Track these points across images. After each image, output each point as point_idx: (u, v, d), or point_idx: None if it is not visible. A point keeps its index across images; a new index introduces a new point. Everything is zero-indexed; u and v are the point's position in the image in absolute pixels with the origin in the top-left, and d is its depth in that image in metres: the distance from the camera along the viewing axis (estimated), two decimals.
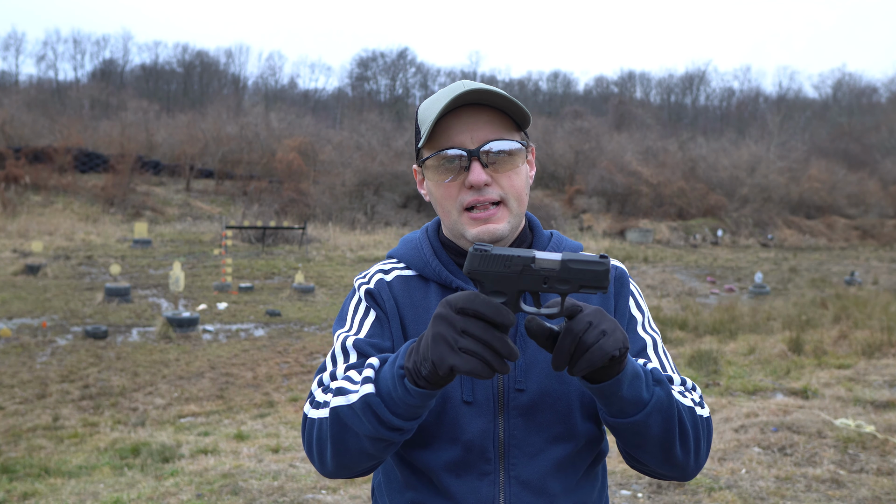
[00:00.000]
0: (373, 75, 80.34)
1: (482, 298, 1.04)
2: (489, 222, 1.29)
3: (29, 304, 14.23)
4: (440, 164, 1.30)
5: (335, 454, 1.20)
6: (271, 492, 4.59)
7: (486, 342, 1.02)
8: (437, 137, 1.30)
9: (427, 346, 1.06)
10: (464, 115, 1.29)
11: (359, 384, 1.16)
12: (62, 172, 35.76)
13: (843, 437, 5.29)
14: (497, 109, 1.30)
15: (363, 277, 1.42)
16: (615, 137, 49.28)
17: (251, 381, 9.22)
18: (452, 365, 1.03)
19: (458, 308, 1.04)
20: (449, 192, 1.31)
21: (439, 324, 1.05)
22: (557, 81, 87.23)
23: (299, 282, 17.01)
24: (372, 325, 1.34)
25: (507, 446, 1.29)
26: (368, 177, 37.87)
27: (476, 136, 1.28)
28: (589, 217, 38.65)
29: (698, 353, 8.79)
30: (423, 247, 1.40)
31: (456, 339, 1.03)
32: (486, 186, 1.28)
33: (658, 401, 1.19)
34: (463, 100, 1.27)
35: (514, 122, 1.32)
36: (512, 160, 1.30)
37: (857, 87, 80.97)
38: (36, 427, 7.24)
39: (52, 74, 74.39)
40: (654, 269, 24.11)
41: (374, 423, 1.13)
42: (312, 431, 1.22)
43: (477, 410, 1.28)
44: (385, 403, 1.12)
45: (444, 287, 1.36)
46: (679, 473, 1.28)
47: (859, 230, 41.57)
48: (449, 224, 1.35)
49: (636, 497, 4.38)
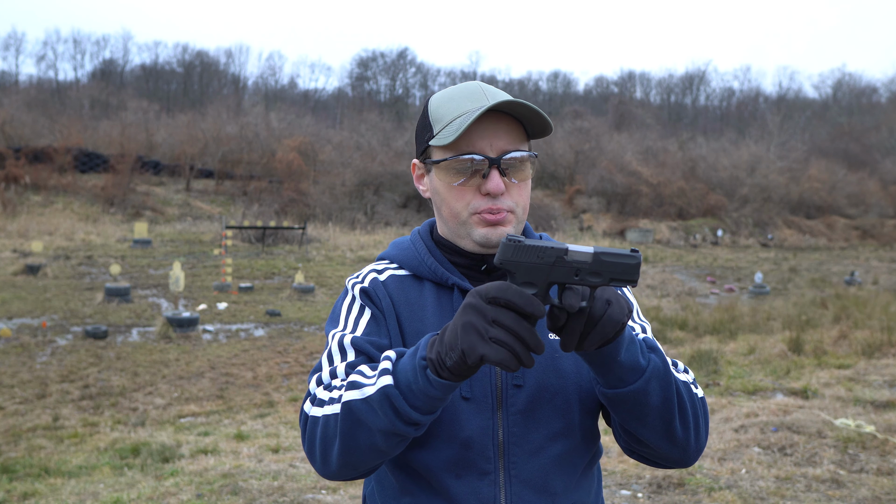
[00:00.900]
0: (373, 75, 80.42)
1: (514, 289, 1.03)
2: (500, 225, 1.29)
3: (29, 304, 14.23)
4: (456, 166, 1.29)
5: (343, 452, 1.17)
6: (271, 492, 4.59)
7: (517, 333, 1.02)
8: (457, 140, 1.29)
9: (456, 335, 1.04)
10: (486, 122, 1.28)
11: (374, 377, 1.14)
12: (62, 172, 35.76)
13: (843, 437, 5.29)
14: (513, 118, 1.31)
15: (356, 277, 1.41)
16: (615, 137, 49.28)
17: (251, 381, 9.22)
18: (483, 354, 1.02)
19: (489, 297, 1.03)
20: (462, 195, 1.30)
21: (470, 312, 1.04)
22: (557, 81, 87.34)
23: (299, 282, 17.01)
24: (368, 323, 1.32)
25: (507, 444, 1.27)
26: (368, 177, 37.87)
27: (495, 145, 1.28)
28: (589, 217, 38.66)
29: (698, 353, 8.79)
30: (416, 246, 1.40)
31: (487, 329, 1.02)
32: (501, 195, 1.29)
33: (655, 367, 1.18)
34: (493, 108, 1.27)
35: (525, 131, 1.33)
36: (524, 170, 1.31)
37: (857, 87, 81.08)
38: (36, 427, 7.24)
39: (52, 74, 74.51)
40: (654, 269, 24.11)
41: (390, 416, 1.10)
42: (316, 429, 1.20)
43: (475, 407, 1.27)
44: (404, 395, 1.09)
45: (438, 285, 1.36)
46: (680, 453, 1.27)
47: (859, 230, 41.58)
48: (455, 225, 1.34)
49: (636, 497, 4.38)
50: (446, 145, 1.30)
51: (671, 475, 4.62)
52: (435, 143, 1.31)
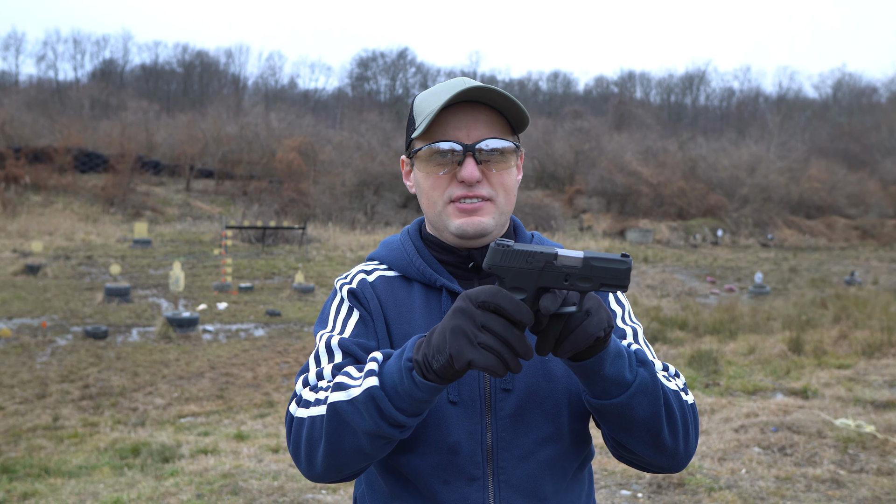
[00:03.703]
0: (373, 75, 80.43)
1: (504, 294, 1.02)
2: (475, 215, 1.28)
3: (29, 304, 14.23)
4: (433, 156, 1.29)
5: (328, 454, 1.16)
6: (271, 492, 4.59)
7: (506, 339, 1.01)
8: (433, 131, 1.29)
9: (444, 339, 1.03)
10: (461, 112, 1.28)
11: (360, 378, 1.13)
12: (62, 172, 35.77)
13: (843, 437, 5.29)
14: (495, 110, 1.30)
15: (345, 278, 1.39)
16: (615, 137, 49.29)
17: (251, 381, 9.22)
18: (471, 359, 1.01)
19: (479, 302, 1.02)
20: (438, 184, 1.30)
21: (459, 316, 1.03)
22: (557, 81, 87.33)
23: (299, 282, 17.01)
24: (356, 324, 1.31)
25: (496, 449, 1.25)
26: (368, 177, 37.87)
27: (472, 133, 1.28)
28: (589, 217, 38.66)
29: (698, 353, 8.78)
30: (405, 247, 1.39)
31: (476, 334, 1.01)
32: (477, 183, 1.28)
33: (642, 382, 1.16)
34: (464, 96, 1.26)
35: (510, 124, 1.33)
36: (505, 160, 1.30)
37: (857, 87, 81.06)
38: (36, 427, 7.24)
39: (52, 74, 74.48)
40: (654, 269, 24.11)
41: (375, 417, 1.10)
42: (301, 431, 1.19)
43: (463, 411, 1.25)
44: (389, 397, 1.09)
45: (427, 287, 1.34)
46: (669, 461, 1.25)
47: (859, 230, 41.58)
48: (433, 216, 1.34)
49: (636, 497, 4.38)
50: (422, 136, 1.30)
51: (671, 475, 4.62)
52: (415, 135, 1.31)
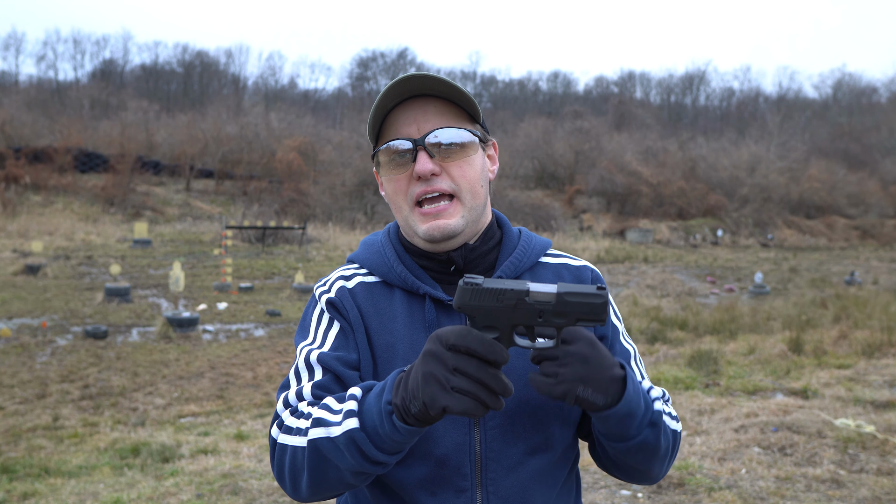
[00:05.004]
0: (373, 75, 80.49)
1: (474, 335, 0.99)
2: (440, 217, 1.23)
3: (29, 304, 14.23)
4: (390, 158, 1.24)
5: (312, 483, 1.14)
6: (271, 492, 4.59)
7: (480, 380, 0.98)
8: (386, 132, 1.25)
9: (417, 385, 1.00)
10: (409, 107, 1.23)
11: (340, 415, 1.09)
12: (62, 172, 35.80)
13: (843, 437, 5.29)
14: (448, 101, 1.25)
15: (323, 285, 1.33)
16: (615, 137, 49.32)
17: (251, 381, 9.22)
18: (445, 406, 0.98)
19: (449, 345, 0.99)
20: (399, 186, 1.25)
21: (430, 362, 1.00)
22: (557, 81, 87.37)
23: (299, 282, 17.01)
24: (336, 336, 1.27)
25: (485, 460, 1.23)
26: (368, 177, 37.79)
27: (423, 127, 1.22)
28: (589, 217, 38.67)
29: (698, 353, 8.77)
30: (385, 251, 1.33)
31: (448, 379, 0.98)
32: (435, 177, 1.22)
33: (643, 441, 1.17)
34: (407, 90, 1.22)
35: (468, 113, 1.27)
36: (462, 150, 1.24)
37: (857, 87, 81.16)
38: (36, 427, 7.24)
39: (52, 74, 74.54)
40: (654, 269, 24.10)
41: (357, 458, 1.07)
42: (284, 458, 1.16)
43: (451, 423, 1.22)
44: (370, 439, 1.06)
45: (409, 293, 1.29)
46: (647, 482, 1.29)
47: (859, 230, 41.60)
48: (402, 221, 1.29)
49: (636, 497, 4.38)
50: (377, 140, 1.27)
51: (671, 475, 4.61)
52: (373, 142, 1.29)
